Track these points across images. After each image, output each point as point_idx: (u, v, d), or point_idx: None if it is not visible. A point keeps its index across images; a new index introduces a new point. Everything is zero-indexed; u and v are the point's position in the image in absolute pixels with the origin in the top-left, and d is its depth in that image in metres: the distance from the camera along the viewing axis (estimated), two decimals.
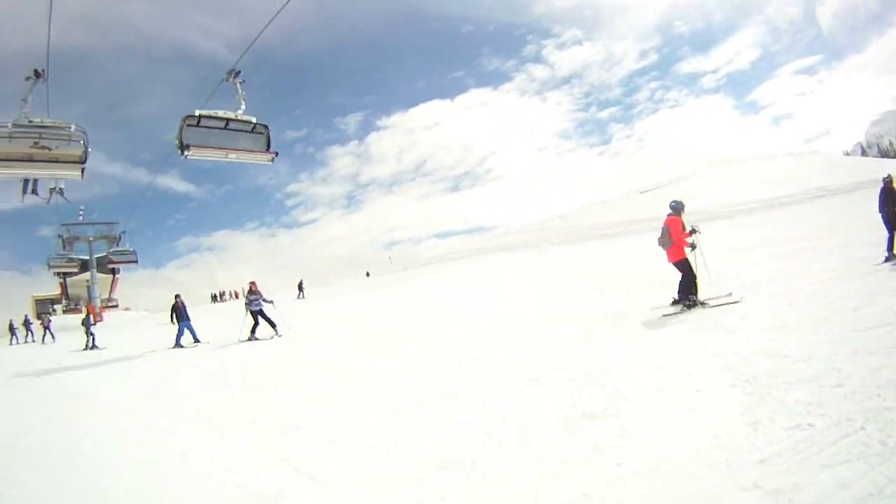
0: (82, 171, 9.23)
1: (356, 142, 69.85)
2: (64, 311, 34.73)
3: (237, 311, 12.38)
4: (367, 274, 35.13)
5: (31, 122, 8.65)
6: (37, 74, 8.99)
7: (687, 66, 65.13)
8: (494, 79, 78.79)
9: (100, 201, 61.48)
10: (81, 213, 32.35)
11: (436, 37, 74.23)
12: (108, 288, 38.79)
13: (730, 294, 6.18)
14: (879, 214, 7.04)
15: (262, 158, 9.20)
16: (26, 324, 20.90)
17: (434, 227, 74.23)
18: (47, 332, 19.15)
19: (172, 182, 66.86)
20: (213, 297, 36.69)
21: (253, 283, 10.47)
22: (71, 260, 32.83)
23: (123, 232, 28.66)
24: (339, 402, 4.86)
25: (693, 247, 6.18)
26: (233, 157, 8.79)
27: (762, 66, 65.34)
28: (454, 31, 69.70)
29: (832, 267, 6.85)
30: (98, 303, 32.19)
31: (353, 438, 3.72)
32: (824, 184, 23.67)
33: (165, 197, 71.12)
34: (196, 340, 11.11)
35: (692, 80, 66.99)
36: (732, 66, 62.17)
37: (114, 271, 38.20)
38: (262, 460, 3.53)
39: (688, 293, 6.01)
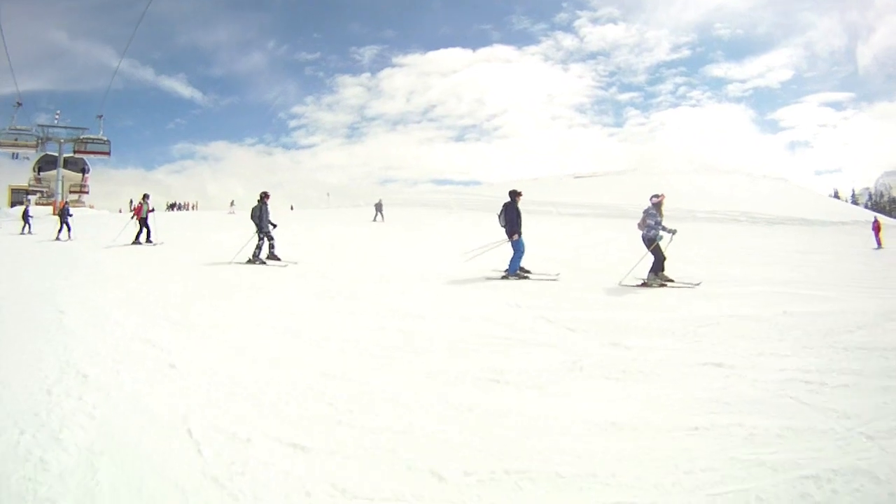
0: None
1: (368, 74, 66.96)
2: (36, 203, 35.01)
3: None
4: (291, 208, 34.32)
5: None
6: None
7: (717, 70, 62.82)
8: (521, 39, 74.96)
9: (102, 95, 58.56)
10: (57, 115, 33.72)
11: None
12: (78, 185, 38.75)
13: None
14: None
15: None
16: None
17: (433, 172, 73.37)
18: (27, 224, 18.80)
19: (179, 85, 64.57)
20: (169, 206, 37.23)
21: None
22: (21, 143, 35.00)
23: (99, 116, 28.85)
24: None
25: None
26: None
27: (792, 88, 63.03)
28: None
29: None
30: (60, 198, 32.25)
31: None
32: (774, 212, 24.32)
33: (169, 99, 68.70)
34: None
35: (719, 84, 64.39)
36: (762, 82, 60.30)
37: (84, 170, 38.09)
38: None
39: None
